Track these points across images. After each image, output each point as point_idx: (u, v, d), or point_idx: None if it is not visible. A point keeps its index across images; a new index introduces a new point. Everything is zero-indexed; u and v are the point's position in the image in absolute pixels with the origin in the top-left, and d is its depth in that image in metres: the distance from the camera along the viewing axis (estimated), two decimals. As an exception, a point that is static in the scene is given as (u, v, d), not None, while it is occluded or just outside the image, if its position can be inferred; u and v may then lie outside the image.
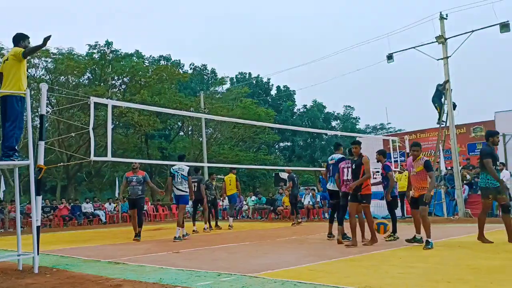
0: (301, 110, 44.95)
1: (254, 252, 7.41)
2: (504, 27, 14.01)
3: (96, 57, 26.22)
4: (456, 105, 15.50)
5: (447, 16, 14.95)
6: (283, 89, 43.80)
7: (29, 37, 6.18)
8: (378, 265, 5.50)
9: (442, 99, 15.21)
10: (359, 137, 22.81)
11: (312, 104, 44.36)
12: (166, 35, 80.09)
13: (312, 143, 43.43)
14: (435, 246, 6.81)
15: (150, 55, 36.38)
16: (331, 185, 8.86)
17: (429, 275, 4.65)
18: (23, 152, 7.00)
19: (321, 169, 14.40)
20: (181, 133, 36.72)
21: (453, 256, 6.06)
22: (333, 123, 45.99)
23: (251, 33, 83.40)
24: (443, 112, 15.39)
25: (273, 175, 30.59)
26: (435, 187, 14.13)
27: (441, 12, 14.95)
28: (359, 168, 7.54)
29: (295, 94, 43.94)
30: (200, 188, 12.45)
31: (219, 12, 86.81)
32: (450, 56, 14.98)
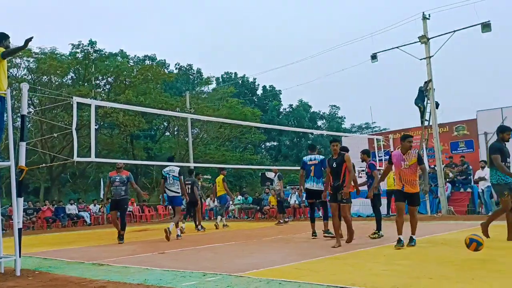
0: (287, 110, 45.11)
1: (240, 251, 7.41)
2: (486, 27, 14.27)
3: (80, 56, 25.92)
4: (439, 104, 15.75)
5: (429, 16, 15.18)
6: (269, 89, 43.87)
7: (9, 37, 6.07)
8: (362, 263, 5.55)
9: (425, 99, 15.45)
10: (345, 136, 23.07)
11: (298, 104, 44.57)
12: (151, 35, 79.59)
13: (298, 142, 43.61)
14: (418, 243, 6.90)
15: (135, 55, 36.19)
16: (310, 185, 8.93)
17: (412, 272, 4.72)
18: (5, 154, 6.89)
19: None
20: (167, 134, 36.54)
21: (436, 253, 6.15)
22: (319, 123, 46.27)
23: (237, 32, 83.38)
24: (426, 111, 15.62)
25: (259, 174, 30.57)
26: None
27: (423, 12, 15.18)
28: (341, 167, 7.34)
29: (281, 93, 44.11)
30: (193, 190, 12.56)
31: (204, 12, 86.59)
32: (432, 56, 15.19)
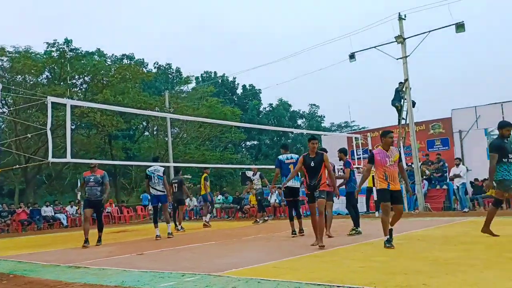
0: (267, 109, 45.17)
1: (220, 251, 7.40)
2: (460, 27, 14.57)
3: (55, 55, 25.43)
4: (415, 103, 16.03)
5: (405, 17, 15.41)
6: (249, 88, 43.84)
7: None
8: (340, 260, 5.62)
9: (401, 99, 15.74)
10: (324, 135, 23.25)
11: (278, 103, 44.66)
12: (129, 33, 78.59)
13: (278, 141, 43.67)
14: (395, 239, 6.98)
15: (113, 54, 35.63)
16: (290, 183, 8.95)
17: (388, 267, 4.79)
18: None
19: None
20: (146, 133, 36.17)
21: (412, 249, 6.26)
22: (299, 122, 46.47)
23: (216, 32, 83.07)
24: (403, 110, 15.89)
25: (239, 174, 30.57)
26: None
27: (399, 13, 15.40)
28: (320, 166, 7.03)
29: (261, 93, 44.13)
30: (181, 189, 12.83)
31: (183, 10, 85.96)
32: (409, 56, 15.44)
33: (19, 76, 25.06)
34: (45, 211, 19.36)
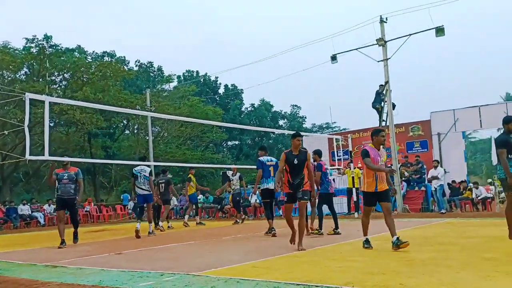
0: (249, 109, 45.17)
1: (199, 251, 7.37)
2: (439, 31, 14.84)
3: (34, 51, 24.95)
4: (395, 105, 16.25)
5: (387, 20, 15.61)
6: (231, 87, 43.77)
7: None
8: (319, 260, 5.65)
9: (381, 102, 15.95)
10: (305, 135, 23.36)
11: (259, 103, 44.70)
12: (110, 31, 77.66)
13: (260, 141, 43.73)
14: (373, 240, 7.07)
15: (93, 51, 35.18)
16: (271, 185, 9.02)
17: (366, 268, 4.84)
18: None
19: None
20: (127, 132, 35.77)
21: (390, 249, 6.32)
22: (280, 122, 46.57)
23: (198, 31, 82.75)
24: (383, 112, 16.09)
25: (220, 174, 30.47)
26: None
27: (381, 16, 15.59)
28: (303, 164, 6.72)
29: (243, 92, 44.10)
30: (168, 188, 13.02)
31: (165, 8, 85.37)
32: (389, 58, 15.65)
33: (-4, 72, 24.53)
34: (22, 210, 18.99)
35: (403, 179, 15.81)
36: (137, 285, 4.48)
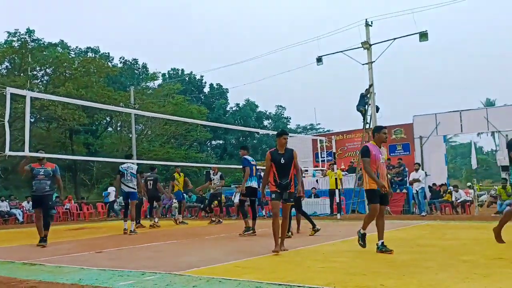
0: (234, 109, 45.11)
1: (181, 250, 7.33)
2: (423, 36, 15.07)
3: (16, 45, 24.49)
4: (379, 108, 16.43)
5: (372, 24, 15.78)
6: (216, 87, 43.65)
7: None
8: (302, 260, 5.68)
9: (365, 104, 16.13)
10: (290, 136, 23.46)
11: (244, 103, 44.68)
12: (94, 26, 76.71)
13: (244, 141, 43.71)
14: (354, 241, 7.11)
15: (77, 46, 34.62)
16: (254, 183, 9.12)
17: (348, 268, 4.89)
18: None
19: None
20: (110, 129, 35.35)
21: (371, 250, 6.38)
22: (265, 122, 46.63)
23: (184, 29, 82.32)
24: (367, 114, 16.26)
25: (204, 173, 30.37)
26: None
27: (366, 19, 15.75)
28: (291, 162, 6.51)
29: (228, 92, 44.01)
30: (156, 186, 13.30)
31: (150, 5, 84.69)
32: (374, 61, 15.82)
33: (-24, 65, 24.02)
34: (0, 206, 18.60)
35: (385, 181, 15.97)
36: (117, 284, 4.43)
